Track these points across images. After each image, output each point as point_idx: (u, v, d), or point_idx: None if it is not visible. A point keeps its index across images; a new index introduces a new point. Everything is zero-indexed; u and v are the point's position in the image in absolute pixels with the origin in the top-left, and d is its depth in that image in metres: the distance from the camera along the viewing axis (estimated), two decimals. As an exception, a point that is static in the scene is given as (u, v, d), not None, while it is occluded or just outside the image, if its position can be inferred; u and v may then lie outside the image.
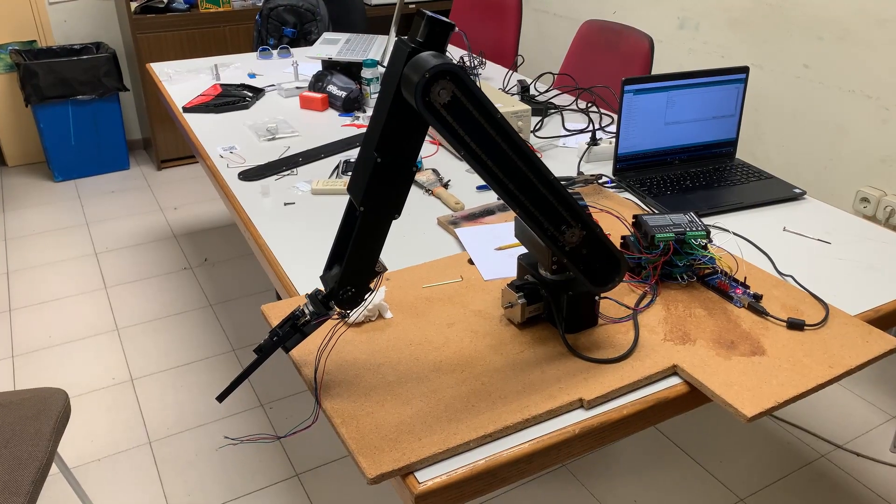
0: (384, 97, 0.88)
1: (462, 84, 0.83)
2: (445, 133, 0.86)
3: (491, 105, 0.87)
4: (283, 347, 0.95)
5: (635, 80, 1.59)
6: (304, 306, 0.94)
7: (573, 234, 0.96)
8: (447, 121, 0.85)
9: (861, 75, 2.30)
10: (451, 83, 0.83)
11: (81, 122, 3.49)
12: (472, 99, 0.85)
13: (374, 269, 0.93)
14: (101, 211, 3.28)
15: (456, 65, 0.83)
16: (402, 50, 0.86)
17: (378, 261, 0.93)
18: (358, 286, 0.93)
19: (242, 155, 1.79)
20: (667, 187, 1.58)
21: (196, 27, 3.53)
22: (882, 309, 1.16)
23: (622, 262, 1.00)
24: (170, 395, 2.14)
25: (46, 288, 2.68)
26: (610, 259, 0.99)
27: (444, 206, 1.52)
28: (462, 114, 0.85)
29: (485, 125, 0.87)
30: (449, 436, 0.87)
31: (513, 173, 0.91)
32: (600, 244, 0.98)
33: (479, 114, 0.86)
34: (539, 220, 0.94)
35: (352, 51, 2.28)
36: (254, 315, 2.53)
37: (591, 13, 3.32)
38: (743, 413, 0.91)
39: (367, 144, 0.90)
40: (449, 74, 0.82)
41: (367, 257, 0.92)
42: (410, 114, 0.87)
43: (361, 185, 0.89)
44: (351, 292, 0.92)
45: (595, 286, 1.00)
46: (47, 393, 1.41)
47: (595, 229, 0.97)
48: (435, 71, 0.81)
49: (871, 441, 1.99)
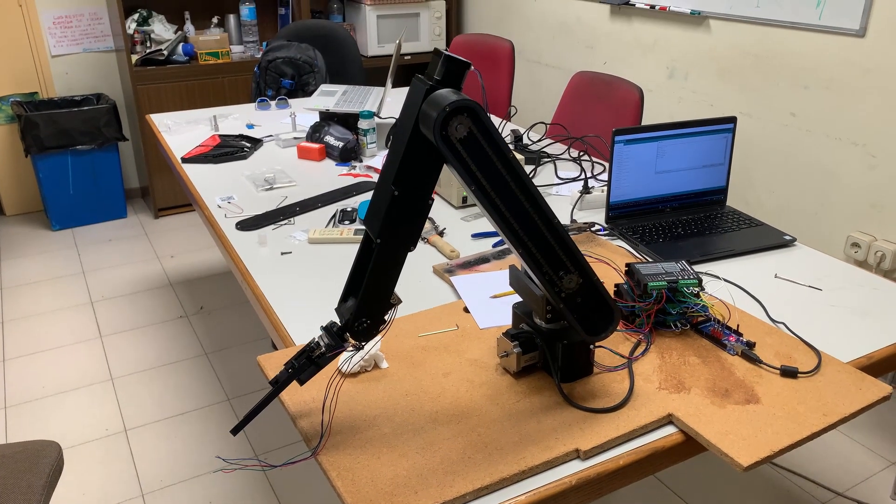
0: (401, 133, 0.91)
1: (479, 121, 0.87)
2: (459, 167, 0.89)
3: (504, 144, 0.90)
4: (297, 380, 0.95)
5: (625, 131, 1.62)
6: (320, 338, 0.95)
7: (571, 280, 0.97)
8: (462, 156, 0.88)
9: (847, 123, 2.35)
10: (468, 119, 0.87)
11: (80, 171, 3.53)
12: (487, 136, 0.88)
13: (390, 300, 0.94)
14: (97, 259, 3.29)
15: (474, 101, 0.86)
16: (420, 87, 0.89)
17: (393, 293, 0.95)
18: (373, 318, 0.94)
19: (240, 205, 1.82)
20: (659, 235, 1.60)
21: (195, 78, 3.60)
22: (875, 356, 1.17)
23: (616, 311, 1.01)
24: (164, 446, 2.12)
25: (41, 337, 2.67)
26: (604, 308, 1.01)
27: (440, 255, 1.53)
28: (477, 150, 0.89)
29: (497, 163, 0.90)
30: (445, 489, 0.87)
31: (519, 213, 0.93)
32: (596, 292, 0.99)
33: (492, 151, 0.89)
34: (540, 262, 0.96)
35: (349, 102, 2.33)
36: (249, 364, 2.52)
37: (581, 64, 3.40)
38: (739, 462, 0.91)
39: (384, 179, 0.93)
40: (467, 110, 0.86)
41: (382, 289, 0.93)
42: (427, 149, 0.90)
43: (379, 218, 0.92)
44: (366, 324, 0.94)
45: (589, 335, 1.01)
46: (40, 445, 1.40)
47: (592, 277, 0.98)
48: (455, 106, 0.85)
49: (871, 488, 1.97)
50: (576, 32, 3.42)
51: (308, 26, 3.47)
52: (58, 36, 3.61)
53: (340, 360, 1.09)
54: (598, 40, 3.30)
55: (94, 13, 3.66)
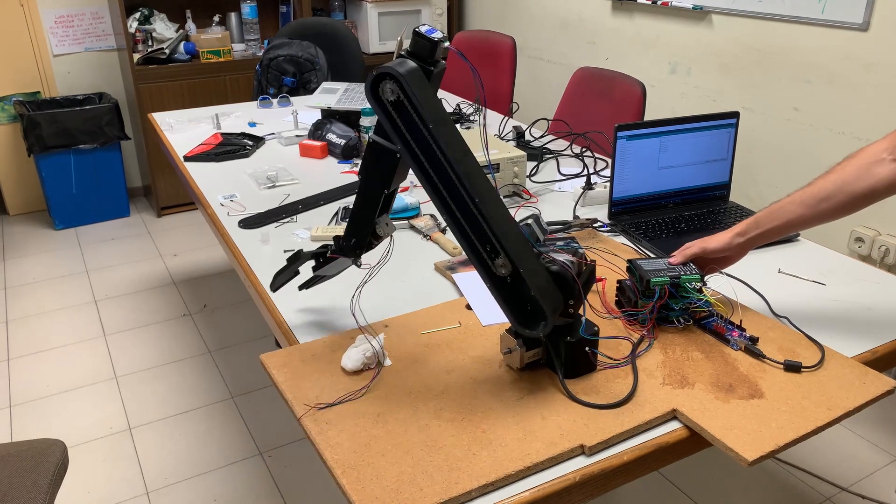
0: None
1: (403, 89, 0.95)
2: (388, 126, 0.99)
3: (437, 115, 0.95)
4: (316, 274, 1.25)
5: (628, 127, 1.62)
6: (330, 247, 1.19)
7: (503, 265, 0.98)
8: (392, 116, 0.98)
9: (850, 118, 2.34)
10: (395, 85, 0.95)
11: (83, 170, 3.54)
12: (412, 105, 0.96)
13: (369, 228, 1.14)
14: (101, 258, 3.29)
15: (400, 72, 0.94)
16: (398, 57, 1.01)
17: (385, 224, 1.14)
18: (358, 238, 1.15)
19: (242, 203, 1.82)
20: (662, 230, 1.59)
21: (197, 77, 3.60)
22: (879, 350, 1.17)
23: (547, 314, 0.97)
24: (168, 444, 2.12)
25: (45, 337, 2.68)
26: (534, 304, 0.99)
27: (442, 252, 1.53)
28: (406, 115, 0.97)
29: (423, 131, 0.97)
30: (450, 485, 0.87)
31: (449, 186, 0.98)
32: (523, 286, 0.98)
33: (418, 119, 0.96)
34: (469, 237, 0.99)
35: (350, 99, 2.33)
36: (253, 362, 2.52)
37: (584, 60, 3.39)
38: (744, 457, 0.91)
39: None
40: (391, 77, 0.95)
41: (362, 218, 1.14)
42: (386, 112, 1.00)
43: (363, 164, 1.11)
44: (352, 242, 1.16)
45: (519, 324, 1.00)
46: (45, 444, 1.41)
47: (523, 268, 0.97)
48: (380, 72, 0.95)
49: (875, 483, 1.97)
50: (577, 28, 3.42)
51: (309, 24, 3.47)
52: (59, 35, 3.61)
53: (343, 357, 1.10)
54: (600, 36, 3.30)
55: (96, 12, 3.66)
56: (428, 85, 0.98)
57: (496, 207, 0.98)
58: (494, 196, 0.98)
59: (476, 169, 0.98)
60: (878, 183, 1.11)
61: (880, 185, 1.11)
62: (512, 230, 0.98)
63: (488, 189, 0.98)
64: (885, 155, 1.12)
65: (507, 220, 0.98)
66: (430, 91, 0.97)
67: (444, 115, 0.97)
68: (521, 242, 0.98)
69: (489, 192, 0.98)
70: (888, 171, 1.11)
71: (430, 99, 0.97)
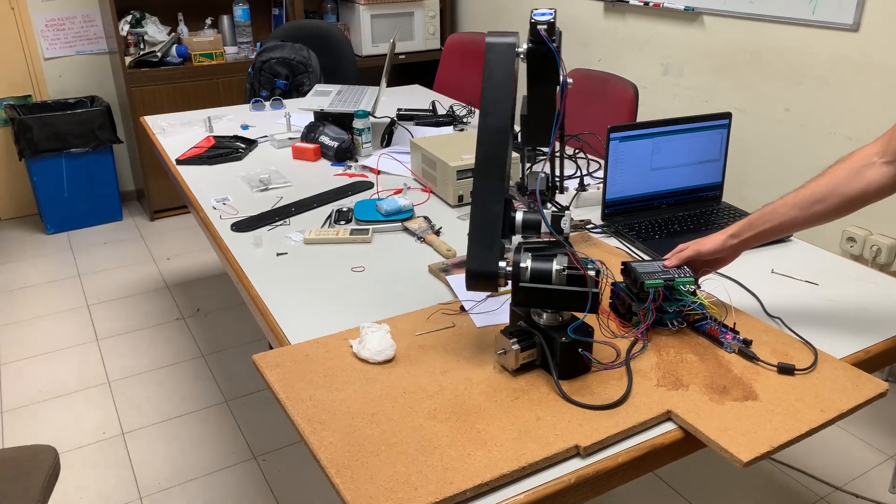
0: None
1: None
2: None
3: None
4: None
5: (621, 128, 1.62)
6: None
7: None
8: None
9: (841, 118, 2.35)
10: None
11: (75, 174, 3.52)
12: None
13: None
14: (93, 262, 3.28)
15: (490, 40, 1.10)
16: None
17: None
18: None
19: (235, 206, 1.81)
20: (655, 231, 1.60)
21: (189, 80, 3.59)
22: (872, 350, 1.17)
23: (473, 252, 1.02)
24: (162, 449, 2.11)
25: (37, 341, 2.66)
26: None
27: (436, 254, 1.53)
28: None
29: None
30: (445, 486, 0.86)
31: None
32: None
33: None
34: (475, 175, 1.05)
35: (343, 102, 2.33)
36: (247, 365, 2.51)
37: (576, 62, 3.40)
38: (739, 458, 0.91)
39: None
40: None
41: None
42: None
43: None
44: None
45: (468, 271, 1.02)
46: (36, 450, 1.40)
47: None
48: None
49: (869, 482, 1.97)
50: (570, 30, 3.43)
51: (302, 26, 3.47)
52: (50, 38, 3.60)
53: (354, 346, 1.13)
54: (593, 38, 3.31)
55: (87, 15, 3.65)
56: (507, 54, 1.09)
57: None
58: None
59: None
60: (869, 186, 1.12)
61: (871, 188, 1.12)
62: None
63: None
64: (876, 158, 1.12)
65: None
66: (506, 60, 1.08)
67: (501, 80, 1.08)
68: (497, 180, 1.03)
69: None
70: (879, 174, 1.11)
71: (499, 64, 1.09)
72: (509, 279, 1.03)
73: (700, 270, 1.23)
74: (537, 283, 1.03)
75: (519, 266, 1.03)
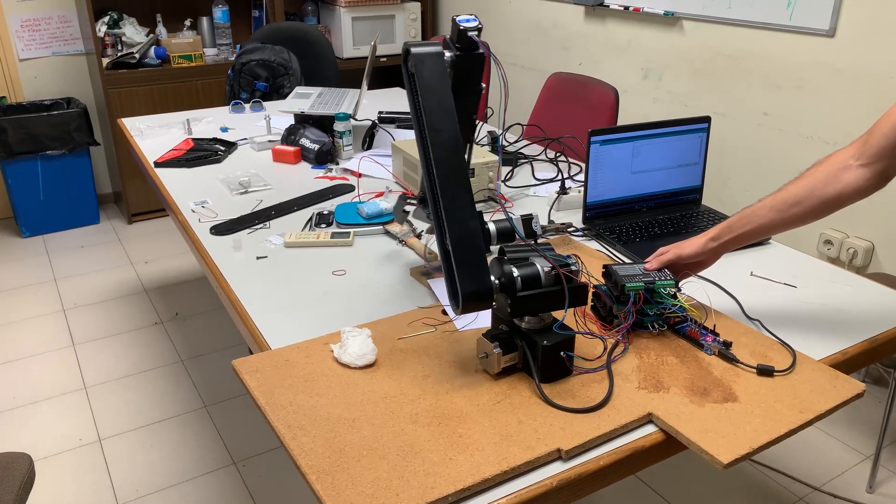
0: None
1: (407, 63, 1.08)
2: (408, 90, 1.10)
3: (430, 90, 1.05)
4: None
5: (601, 132, 1.63)
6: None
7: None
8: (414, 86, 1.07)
9: (818, 122, 2.38)
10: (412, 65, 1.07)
11: (51, 177, 3.47)
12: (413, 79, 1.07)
13: None
14: (70, 266, 3.23)
15: (411, 49, 1.06)
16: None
17: None
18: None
19: (214, 209, 1.79)
20: (636, 234, 1.60)
21: (168, 82, 3.55)
22: (849, 351, 1.19)
23: (489, 295, 0.99)
24: (140, 456, 2.08)
25: (12, 347, 2.61)
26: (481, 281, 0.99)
27: (417, 257, 1.53)
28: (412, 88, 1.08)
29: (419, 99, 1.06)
30: (426, 490, 0.86)
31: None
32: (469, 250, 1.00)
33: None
34: (436, 195, 1.02)
35: (324, 104, 2.31)
36: (226, 370, 2.49)
37: (557, 65, 3.41)
38: (719, 460, 0.92)
39: None
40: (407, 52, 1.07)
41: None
42: None
43: None
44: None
45: (456, 296, 1.00)
46: (10, 458, 1.37)
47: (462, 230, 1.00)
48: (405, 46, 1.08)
49: (847, 482, 2.00)
50: (551, 34, 3.44)
51: (282, 28, 3.45)
52: (26, 39, 3.55)
53: (335, 350, 1.12)
54: (573, 41, 3.32)
55: (64, 16, 3.60)
56: (439, 65, 1.06)
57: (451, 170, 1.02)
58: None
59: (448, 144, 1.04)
60: (845, 188, 1.13)
61: (847, 191, 1.13)
62: (462, 201, 1.01)
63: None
64: (853, 161, 1.14)
65: (461, 184, 1.02)
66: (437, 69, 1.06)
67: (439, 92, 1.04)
68: (465, 213, 1.00)
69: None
70: (854, 176, 1.13)
71: (435, 75, 1.06)
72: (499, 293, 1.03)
73: (680, 273, 1.23)
74: (529, 289, 1.02)
75: (512, 276, 1.02)
